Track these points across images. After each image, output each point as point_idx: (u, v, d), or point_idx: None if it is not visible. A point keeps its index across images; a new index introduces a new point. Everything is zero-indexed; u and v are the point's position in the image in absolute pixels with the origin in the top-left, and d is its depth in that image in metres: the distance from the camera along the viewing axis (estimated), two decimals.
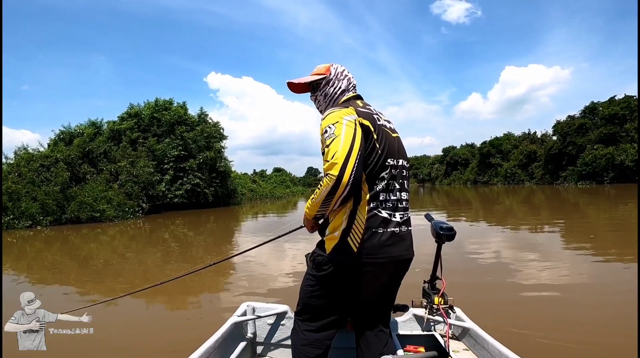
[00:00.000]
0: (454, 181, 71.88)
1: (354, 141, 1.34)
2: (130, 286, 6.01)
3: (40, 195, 16.14)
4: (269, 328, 2.27)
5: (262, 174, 52.43)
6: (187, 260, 8.44)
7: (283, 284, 5.78)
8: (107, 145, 22.13)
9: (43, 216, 15.62)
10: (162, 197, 23.49)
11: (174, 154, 24.41)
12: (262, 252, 8.58)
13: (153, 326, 4.34)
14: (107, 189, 19.23)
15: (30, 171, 17.30)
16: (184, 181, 24.59)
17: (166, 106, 26.28)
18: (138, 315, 4.81)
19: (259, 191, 42.23)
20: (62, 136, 22.10)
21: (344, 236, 1.40)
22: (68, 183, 17.90)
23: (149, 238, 14.38)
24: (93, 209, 17.36)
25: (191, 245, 11.66)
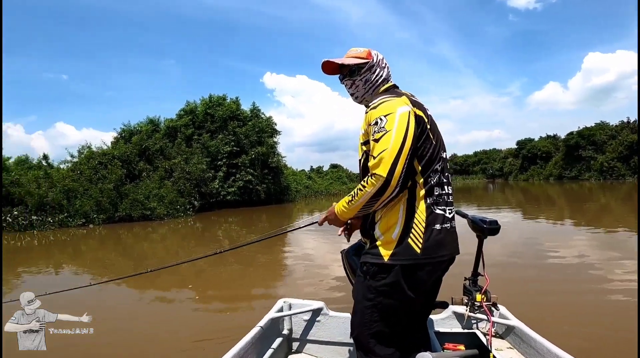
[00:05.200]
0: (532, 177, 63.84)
1: (405, 137, 1.27)
2: (183, 283, 6.24)
3: (95, 193, 16.16)
4: (304, 324, 2.31)
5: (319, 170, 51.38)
6: (240, 260, 8.31)
7: (323, 280, 5.89)
8: (163, 142, 22.18)
9: (96, 214, 15.56)
10: (215, 194, 23.13)
11: (226, 150, 23.93)
12: (305, 248, 9.10)
13: (197, 319, 4.58)
14: (160, 186, 19.03)
15: (88, 169, 17.57)
16: (236, 177, 24.01)
17: (220, 101, 25.99)
18: (184, 307, 5.05)
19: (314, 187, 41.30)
20: (123, 134, 22.66)
21: (403, 237, 1.33)
22: (122, 180, 17.91)
23: (202, 236, 14.04)
24: (144, 208, 17.09)
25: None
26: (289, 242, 11.63)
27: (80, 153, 19.32)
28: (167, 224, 16.87)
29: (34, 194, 14.56)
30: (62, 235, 12.68)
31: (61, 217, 14.47)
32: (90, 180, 16.94)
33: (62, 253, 10.11)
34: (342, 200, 1.41)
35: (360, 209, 1.34)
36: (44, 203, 14.62)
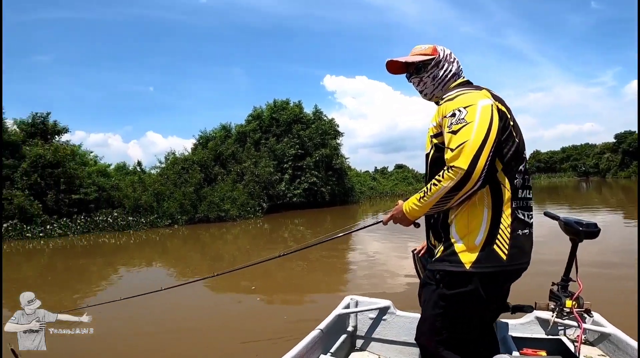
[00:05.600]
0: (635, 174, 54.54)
1: (490, 129, 1.20)
2: (248, 284, 6.40)
3: (179, 196, 17.96)
4: (370, 322, 2.31)
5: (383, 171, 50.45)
6: (304, 260, 8.45)
7: (387, 280, 5.91)
8: (235, 147, 23.72)
9: (180, 215, 17.29)
10: (281, 196, 24.04)
11: (291, 153, 24.73)
12: (369, 248, 9.11)
13: (261, 317, 4.73)
14: (232, 189, 20.44)
15: (173, 174, 19.59)
16: (301, 179, 24.70)
17: (283, 106, 26.94)
18: (248, 306, 5.26)
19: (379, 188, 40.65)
20: (201, 141, 24.79)
21: (488, 243, 1.26)
22: (201, 184, 19.62)
23: (270, 237, 14.63)
24: (219, 209, 18.50)
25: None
26: (353, 243, 11.68)
27: (167, 159, 21.65)
28: (239, 225, 18.03)
29: (131, 197, 16.71)
30: (152, 235, 14.35)
31: (152, 218, 16.37)
32: (175, 184, 18.87)
33: (153, 251, 11.41)
34: (411, 198, 1.38)
35: (433, 206, 1.29)
36: (138, 205, 16.69)
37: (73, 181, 14.85)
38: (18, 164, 13.73)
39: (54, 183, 14.27)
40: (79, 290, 6.46)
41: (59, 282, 7.24)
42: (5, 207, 13.00)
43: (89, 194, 15.31)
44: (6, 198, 13.01)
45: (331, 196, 26.30)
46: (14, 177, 13.53)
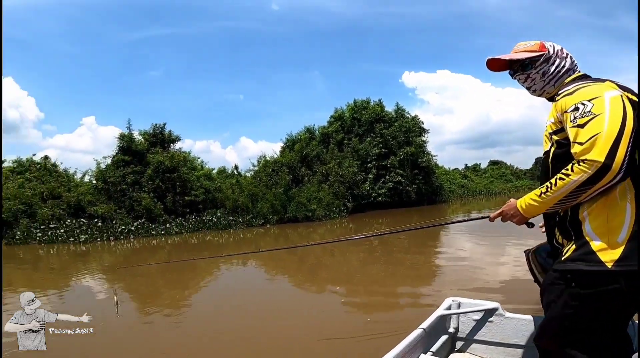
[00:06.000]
0: None
1: (625, 119, 1.15)
2: (334, 283, 6.66)
3: (270, 197, 19.26)
4: (473, 324, 2.29)
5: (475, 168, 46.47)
6: (390, 259, 8.52)
7: (494, 282, 5.67)
8: (319, 148, 24.46)
9: (272, 215, 18.52)
10: (366, 196, 24.04)
11: (375, 153, 24.55)
12: (459, 248, 8.85)
13: (348, 314, 4.94)
14: (318, 190, 21.13)
15: (265, 176, 21.10)
16: (386, 179, 24.36)
17: (364, 105, 26.89)
18: (339, 304, 5.43)
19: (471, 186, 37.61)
20: (287, 144, 26.18)
21: (633, 240, 1.18)
22: (290, 185, 20.72)
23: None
24: (307, 209, 19.28)
25: (392, 246, 11.27)
26: (442, 243, 11.18)
27: (259, 162, 23.42)
28: (325, 225, 18.52)
29: (230, 198, 18.51)
30: (248, 233, 15.67)
31: (247, 218, 17.89)
32: (267, 185, 20.29)
33: (248, 248, 12.41)
34: (529, 194, 1.37)
35: (558, 202, 1.26)
36: (237, 205, 18.39)
37: (186, 185, 17.08)
38: (144, 170, 16.36)
39: (172, 186, 16.62)
40: (190, 286, 7.35)
41: (175, 277, 8.36)
42: (135, 208, 15.59)
43: (198, 196, 17.42)
44: (136, 199, 15.60)
45: (418, 196, 25.37)
46: (141, 182, 16.16)
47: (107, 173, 15.93)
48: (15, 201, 13.32)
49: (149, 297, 6.29)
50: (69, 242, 12.83)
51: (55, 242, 12.82)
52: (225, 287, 7.09)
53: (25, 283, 7.47)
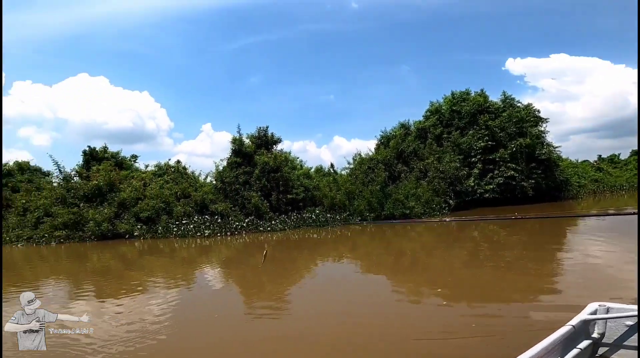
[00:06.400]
0: None
1: None
2: (435, 284, 6.40)
3: (367, 194, 19.22)
4: (624, 330, 2.15)
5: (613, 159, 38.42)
6: (499, 262, 7.82)
7: (620, 288, 5.17)
8: (416, 144, 23.43)
9: (369, 212, 18.46)
10: (470, 192, 22.15)
11: (480, 146, 22.48)
12: (587, 252, 7.88)
13: (447, 316, 4.80)
14: (416, 187, 20.25)
15: (361, 173, 21.16)
16: (494, 173, 22.03)
17: (463, 97, 24.94)
18: (438, 306, 5.32)
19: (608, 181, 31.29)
20: (382, 140, 25.77)
21: None
22: (386, 182, 20.34)
23: (456, 235, 13.98)
24: (404, 206, 18.64)
25: (504, 246, 10.48)
26: (566, 245, 9.58)
27: (354, 159, 23.62)
28: (424, 222, 17.64)
29: (328, 196, 19.10)
30: (345, 231, 15.93)
31: (344, 215, 18.21)
32: (363, 183, 20.32)
33: (344, 246, 12.60)
34: None
35: None
36: (334, 203, 18.88)
37: (288, 183, 18.28)
38: (252, 170, 18.09)
39: (276, 185, 17.99)
40: (292, 281, 7.75)
41: (277, 271, 8.93)
42: (246, 206, 17.32)
43: (299, 194, 18.46)
44: (246, 198, 17.33)
45: (536, 191, 22.30)
46: (250, 181, 17.90)
47: (224, 173, 18.11)
48: (157, 200, 16.18)
49: (254, 289, 6.83)
50: (196, 236, 14.98)
51: (186, 236, 15.08)
52: (321, 284, 7.26)
53: (164, 272, 8.72)
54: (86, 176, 17.00)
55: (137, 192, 16.28)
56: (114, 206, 15.42)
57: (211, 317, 5.15)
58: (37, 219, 14.84)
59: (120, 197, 15.72)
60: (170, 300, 5.76)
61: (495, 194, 21.93)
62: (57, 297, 6.09)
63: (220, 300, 6.19)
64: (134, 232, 14.85)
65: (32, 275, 8.34)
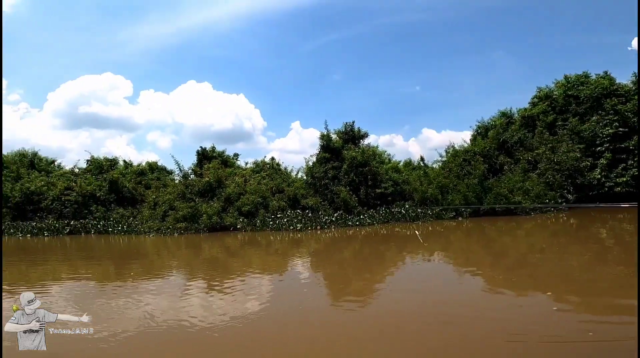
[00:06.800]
0: None
1: None
2: (545, 286, 5.73)
3: (463, 188, 17.81)
4: None
5: None
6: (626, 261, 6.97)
7: None
8: (521, 133, 20.88)
9: (465, 207, 17.07)
10: (596, 186, 18.87)
11: (608, 133, 19.00)
12: None
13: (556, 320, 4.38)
14: (524, 180, 18.02)
15: (455, 166, 19.69)
16: (627, 164, 18.40)
17: (581, 80, 21.42)
18: (547, 309, 4.83)
19: None
20: (479, 131, 23.54)
21: None
22: (485, 175, 18.54)
23: (576, 234, 12.31)
24: (508, 201, 16.74)
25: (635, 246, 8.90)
26: None
27: (447, 152, 22.08)
28: (534, 219, 15.58)
29: (418, 190, 18.28)
30: (437, 226, 15.00)
31: (437, 210, 17.17)
32: (458, 176, 18.89)
33: (436, 242, 11.86)
34: None
35: None
36: (425, 197, 17.99)
37: (376, 178, 18.09)
38: (341, 165, 18.39)
39: (364, 179, 17.97)
40: (379, 276, 7.59)
41: (364, 266, 8.85)
42: (335, 200, 17.68)
43: (387, 188, 18.10)
44: (335, 192, 17.69)
45: None
46: (339, 176, 18.22)
47: (313, 169, 18.82)
48: (256, 195, 17.63)
49: (341, 284, 6.88)
50: (289, 230, 15.86)
51: (280, 229, 16.06)
52: (409, 280, 6.94)
53: (260, 264, 9.22)
54: (199, 174, 19.49)
55: (239, 188, 18.00)
56: (221, 201, 17.33)
57: (298, 307, 5.37)
58: (163, 212, 17.46)
59: (226, 192, 17.59)
60: (264, 290, 6.17)
61: (629, 188, 18.20)
62: (177, 284, 7.02)
63: (308, 291, 6.42)
64: (237, 225, 16.42)
65: (159, 263, 9.76)
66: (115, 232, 16.73)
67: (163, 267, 9.05)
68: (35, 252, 11.44)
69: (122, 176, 20.10)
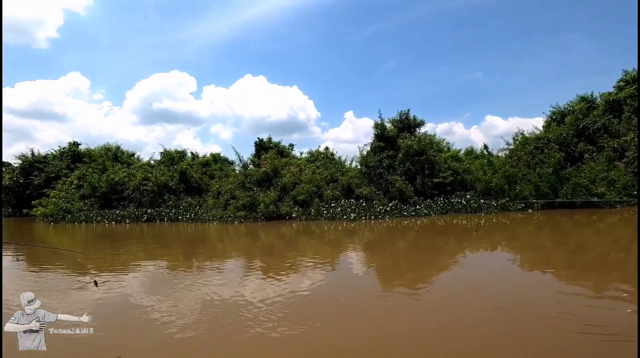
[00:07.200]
0: None
1: None
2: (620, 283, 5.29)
3: (534, 178, 16.27)
4: None
5: None
6: None
7: None
8: (605, 119, 18.36)
9: (536, 198, 15.60)
10: None
11: None
12: None
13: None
14: (608, 169, 15.90)
15: (525, 154, 18.04)
16: None
17: None
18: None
19: None
20: (553, 117, 21.21)
21: None
22: (561, 164, 16.72)
23: None
24: (589, 193, 14.92)
25: None
26: None
27: (515, 139, 20.27)
28: (620, 212, 13.69)
29: (482, 180, 17.10)
30: (503, 218, 13.86)
31: (502, 201, 15.91)
32: (528, 165, 17.30)
33: (500, 235, 10.97)
34: None
35: None
36: (489, 188, 16.77)
37: (434, 167, 17.30)
38: (396, 154, 17.88)
39: (420, 168, 17.29)
40: (435, 269, 7.20)
41: (419, 258, 8.47)
42: (390, 190, 17.27)
43: (446, 178, 17.21)
44: (390, 182, 17.27)
45: None
46: (394, 165, 17.74)
47: (368, 158, 18.56)
48: (311, 185, 17.92)
49: (395, 276, 6.62)
50: (342, 219, 15.88)
51: (334, 218, 16.14)
52: (468, 274, 6.41)
53: (312, 252, 9.27)
54: (257, 164, 20.35)
55: (295, 177, 18.44)
56: (277, 190, 17.93)
57: (349, 296, 5.31)
58: (225, 201, 18.57)
59: (282, 182, 18.14)
60: (317, 279, 6.19)
61: None
62: (236, 270, 7.32)
63: (359, 281, 6.35)
64: (293, 214, 16.87)
65: (222, 250, 10.32)
66: (184, 220, 18.13)
67: (225, 253, 9.59)
68: (119, 238, 12.77)
69: (189, 167, 21.73)
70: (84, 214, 19.29)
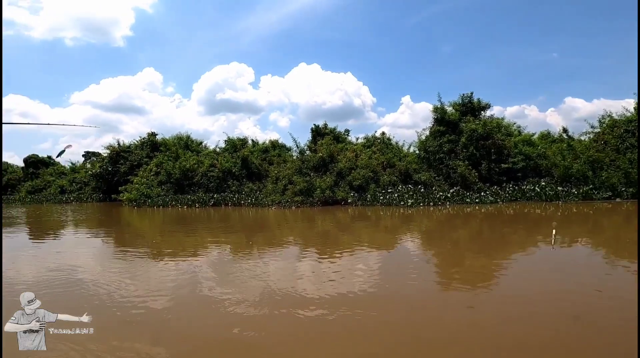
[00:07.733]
0: None
1: None
2: None
3: (623, 163, 14.21)
4: None
5: None
6: None
7: None
8: None
9: (625, 186, 13.64)
10: None
11: None
12: None
13: None
14: None
15: (613, 138, 15.79)
16: None
17: None
18: None
19: None
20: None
21: None
22: None
23: None
24: None
25: None
26: None
27: (601, 122, 17.80)
28: None
29: (560, 166, 15.37)
30: (585, 208, 12.33)
31: (585, 189, 14.15)
32: (617, 150, 15.14)
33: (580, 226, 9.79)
34: None
35: None
36: (569, 174, 15.02)
37: (501, 151, 15.97)
38: (458, 139, 16.82)
39: (486, 153, 16.08)
40: (499, 259, 6.64)
41: (481, 247, 7.85)
42: (451, 175, 16.35)
43: (517, 163, 15.81)
44: (452, 167, 16.34)
45: None
46: (456, 150, 16.73)
47: (427, 143, 17.76)
48: (367, 170, 17.71)
49: (454, 266, 6.25)
50: (399, 205, 15.45)
51: (391, 204, 15.77)
52: (537, 266, 5.80)
53: (368, 239, 9.06)
54: (314, 150, 20.65)
55: (350, 162, 18.37)
56: (333, 175, 18.04)
57: (405, 284, 5.14)
58: (284, 186, 19.19)
59: (338, 167, 18.20)
60: (372, 265, 6.09)
61: None
62: (291, 255, 7.47)
63: (415, 269, 6.13)
64: (348, 199, 16.87)
65: (280, 235, 10.48)
66: (245, 204, 19.11)
67: (282, 238, 9.88)
68: (190, 222, 13.77)
69: (250, 154, 22.80)
70: (162, 199, 21.33)
